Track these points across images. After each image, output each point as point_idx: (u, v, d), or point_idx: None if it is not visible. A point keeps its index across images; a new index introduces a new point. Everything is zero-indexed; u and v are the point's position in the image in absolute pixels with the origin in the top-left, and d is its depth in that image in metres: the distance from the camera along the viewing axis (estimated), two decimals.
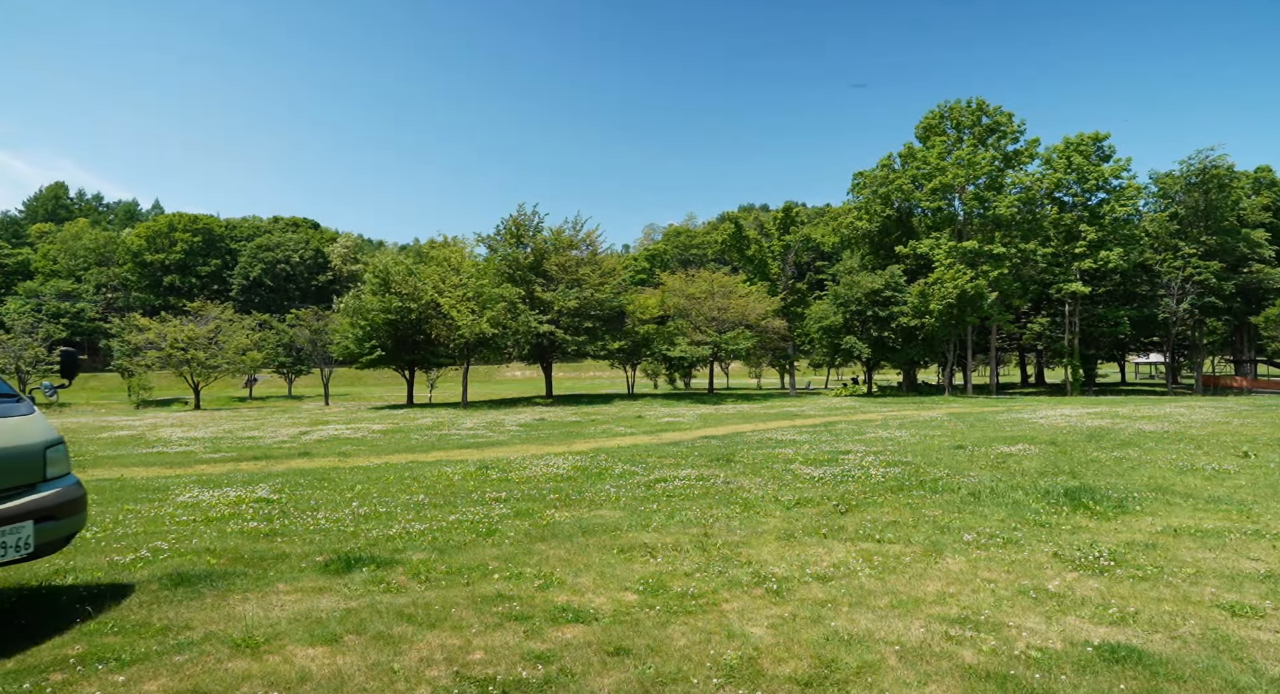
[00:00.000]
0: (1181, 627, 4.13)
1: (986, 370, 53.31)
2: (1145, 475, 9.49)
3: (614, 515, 7.47)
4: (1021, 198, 42.91)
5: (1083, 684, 3.40)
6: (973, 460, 11.25)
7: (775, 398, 41.50)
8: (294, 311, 58.56)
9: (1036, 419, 19.07)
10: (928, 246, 43.08)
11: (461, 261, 38.79)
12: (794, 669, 3.59)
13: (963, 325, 42.81)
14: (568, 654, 3.77)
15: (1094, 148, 44.75)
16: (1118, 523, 6.87)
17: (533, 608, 4.55)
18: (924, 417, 22.30)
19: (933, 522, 6.98)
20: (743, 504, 7.96)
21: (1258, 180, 52.26)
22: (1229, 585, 4.89)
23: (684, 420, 22.99)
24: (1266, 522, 6.76)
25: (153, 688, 3.45)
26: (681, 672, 3.56)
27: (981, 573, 5.26)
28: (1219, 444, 12.58)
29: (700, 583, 5.05)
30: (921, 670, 3.57)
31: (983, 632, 4.07)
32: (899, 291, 43.65)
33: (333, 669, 3.62)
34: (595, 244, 43.58)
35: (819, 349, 48.89)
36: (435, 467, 12.10)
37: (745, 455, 12.37)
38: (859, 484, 9.16)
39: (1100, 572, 5.24)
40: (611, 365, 48.83)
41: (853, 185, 50.53)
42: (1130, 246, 43.23)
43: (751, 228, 58.37)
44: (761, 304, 44.08)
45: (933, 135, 45.83)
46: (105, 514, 8.04)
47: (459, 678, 3.51)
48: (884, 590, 4.85)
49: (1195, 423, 16.50)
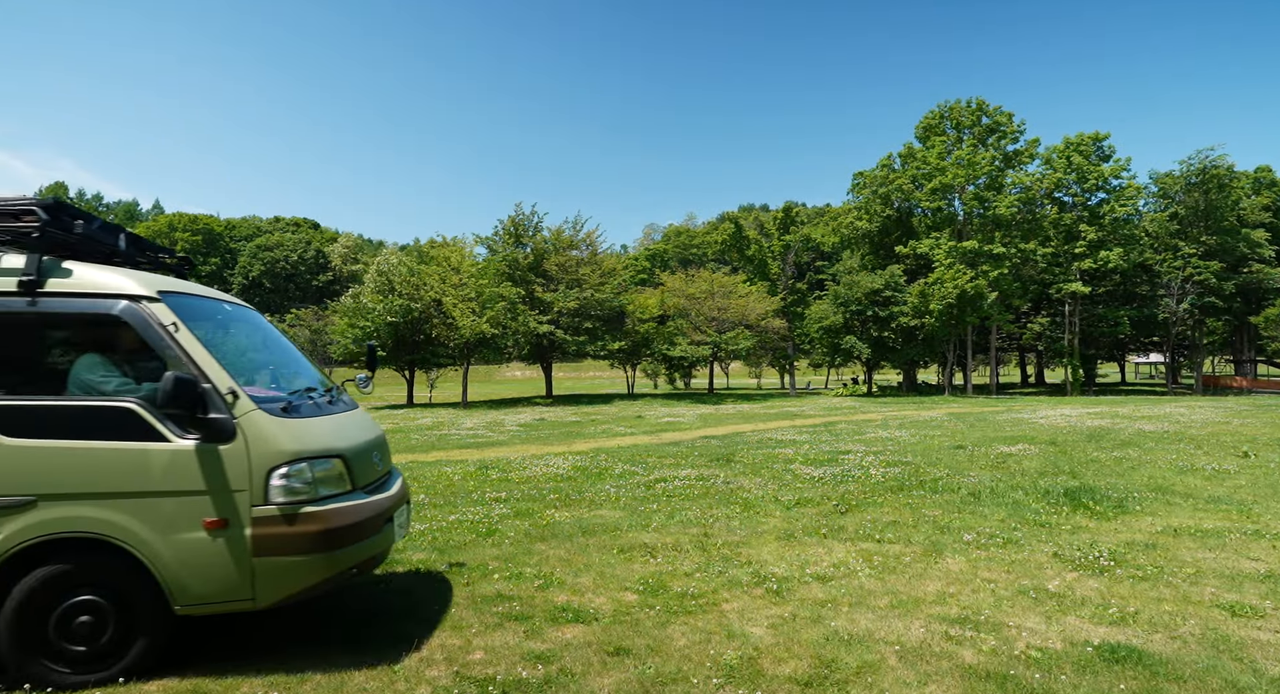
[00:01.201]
0: (1181, 627, 4.13)
1: (986, 370, 53.30)
2: (1145, 475, 9.49)
3: (614, 515, 7.47)
4: (1021, 198, 42.91)
5: (1083, 684, 3.40)
6: (973, 460, 11.25)
7: (775, 398, 41.50)
8: (294, 311, 58.58)
9: (1036, 419, 19.07)
10: (928, 246, 43.08)
11: (461, 261, 38.79)
12: (794, 669, 3.59)
13: (963, 325, 42.80)
14: (568, 654, 3.77)
15: (1094, 148, 44.74)
16: (1118, 523, 6.87)
17: (533, 608, 4.56)
18: (924, 416, 22.30)
19: (933, 522, 6.98)
20: (743, 504, 7.96)
21: (1258, 180, 52.25)
22: (1229, 585, 4.89)
23: (684, 420, 22.99)
24: (1266, 522, 6.76)
25: (153, 688, 3.45)
26: (681, 672, 3.56)
27: (981, 573, 5.26)
28: (1219, 444, 12.58)
29: (700, 583, 5.05)
30: (921, 670, 3.57)
31: (983, 632, 4.07)
32: (899, 291, 43.64)
33: (333, 669, 3.62)
34: (595, 244, 43.54)
35: (819, 349, 48.91)
36: (435, 466, 12.10)
37: (745, 455, 12.37)
38: (859, 484, 9.16)
39: (1100, 572, 5.24)
40: (611, 365, 48.79)
41: (853, 185, 50.54)
42: (1130, 246, 43.22)
43: (751, 228, 58.36)
44: (761, 304, 44.06)
45: (933, 135, 45.83)
46: None
47: (459, 678, 3.51)
48: (884, 590, 4.85)
49: (1195, 423, 16.50)
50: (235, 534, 3.51)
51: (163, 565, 3.45)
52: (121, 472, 3.45)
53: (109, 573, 3.47)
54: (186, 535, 3.48)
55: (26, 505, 3.37)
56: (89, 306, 3.65)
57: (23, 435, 3.43)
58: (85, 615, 3.43)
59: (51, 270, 3.62)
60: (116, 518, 3.43)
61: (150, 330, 3.63)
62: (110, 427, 3.47)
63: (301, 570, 3.61)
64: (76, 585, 3.44)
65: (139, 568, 3.46)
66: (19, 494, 3.37)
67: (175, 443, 3.50)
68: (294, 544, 3.57)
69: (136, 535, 3.43)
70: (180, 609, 3.51)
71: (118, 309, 3.65)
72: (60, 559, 3.43)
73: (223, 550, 3.50)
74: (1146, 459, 10.93)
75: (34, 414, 3.48)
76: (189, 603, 3.50)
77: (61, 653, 3.41)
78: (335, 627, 4.34)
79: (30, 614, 3.38)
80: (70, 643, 3.42)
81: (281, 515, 3.56)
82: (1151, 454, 11.47)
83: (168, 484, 3.48)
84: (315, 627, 4.35)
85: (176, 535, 3.47)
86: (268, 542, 3.53)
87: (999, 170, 43.17)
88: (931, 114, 46.47)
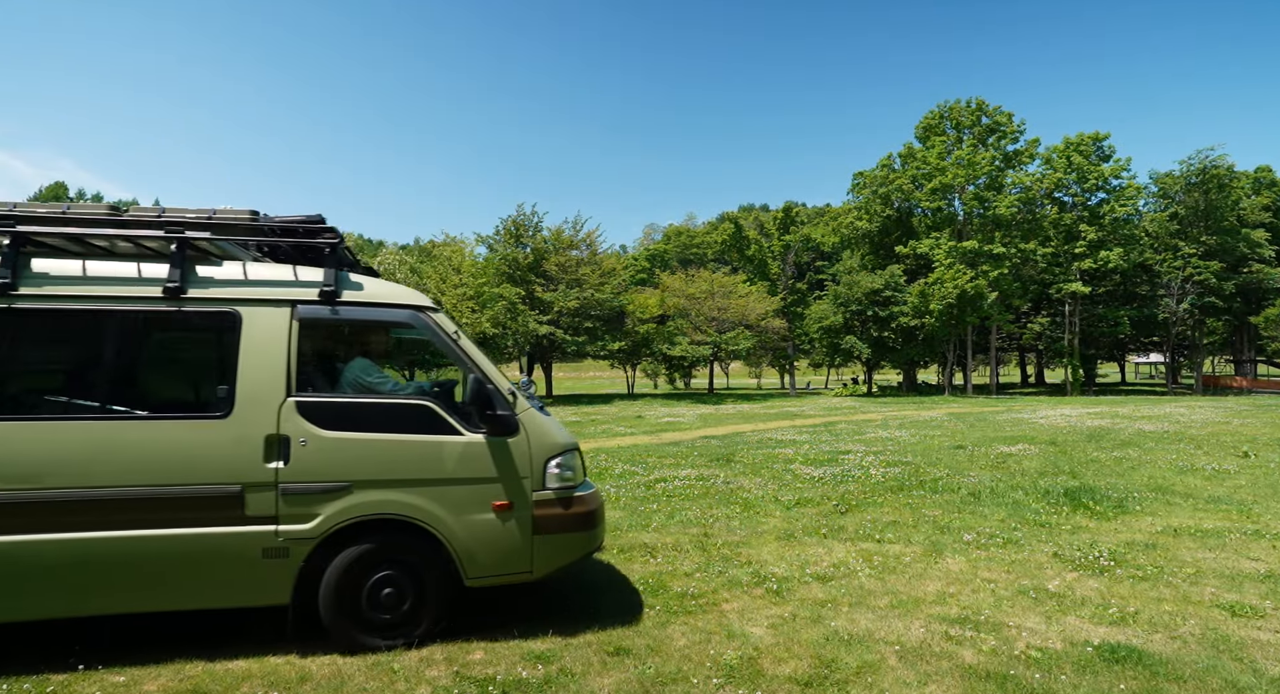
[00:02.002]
0: (1181, 627, 4.13)
1: (986, 370, 53.28)
2: (1145, 475, 9.49)
3: (614, 515, 7.47)
4: (1021, 198, 42.91)
5: (1083, 684, 3.40)
6: (973, 460, 11.25)
7: (775, 398, 41.49)
8: None
9: (1036, 419, 19.07)
10: (928, 246, 43.08)
11: (461, 261, 38.78)
12: (794, 669, 3.59)
13: (963, 325, 42.80)
14: (568, 654, 3.77)
15: (1094, 148, 44.75)
16: (1118, 523, 6.87)
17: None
18: (924, 416, 22.30)
19: (933, 522, 6.98)
20: (743, 504, 7.96)
21: (1258, 180, 52.24)
22: (1229, 585, 4.90)
23: (684, 420, 22.98)
24: (1266, 522, 6.77)
25: (153, 688, 3.45)
26: (681, 672, 3.56)
27: (981, 573, 5.26)
28: (1219, 444, 12.58)
29: (700, 583, 5.06)
30: (921, 670, 3.57)
31: (983, 632, 4.07)
32: (899, 291, 43.64)
33: (333, 669, 3.62)
34: (595, 244, 43.49)
35: (819, 349, 48.95)
36: None
37: (745, 455, 12.37)
38: (859, 484, 9.16)
39: (1100, 572, 5.24)
40: (611, 365, 48.76)
41: (853, 185, 50.54)
42: (1130, 246, 43.23)
43: (751, 228, 58.35)
44: (761, 304, 44.06)
45: (933, 135, 45.83)
46: None
47: (459, 678, 3.51)
48: (884, 590, 4.85)
49: (1195, 423, 16.50)
50: (520, 515, 4.05)
51: (458, 543, 3.95)
52: (423, 461, 3.95)
53: (409, 551, 3.95)
54: (478, 516, 3.99)
55: (343, 490, 3.84)
56: (383, 315, 4.19)
57: (337, 429, 3.88)
58: (389, 588, 3.91)
59: (344, 282, 4.08)
60: (420, 502, 3.91)
61: (438, 337, 4.17)
62: (412, 422, 3.98)
63: (570, 546, 4.19)
64: (382, 562, 3.92)
65: (436, 546, 3.95)
66: (337, 480, 3.83)
67: (467, 436, 4.02)
68: (566, 524, 4.14)
69: (436, 517, 3.92)
70: (470, 582, 3.99)
71: (408, 317, 4.19)
72: (369, 539, 3.90)
73: (510, 529, 4.03)
74: (1146, 459, 10.93)
75: (346, 410, 3.96)
76: (478, 576, 4.00)
77: (370, 621, 3.88)
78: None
79: (345, 586, 3.83)
80: (377, 612, 3.89)
81: (556, 499, 4.13)
82: (1151, 454, 11.48)
83: (462, 472, 3.99)
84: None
85: (470, 516, 3.97)
86: (545, 522, 4.09)
87: (999, 170, 43.17)
88: (931, 114, 46.47)
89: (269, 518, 3.75)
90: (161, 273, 3.85)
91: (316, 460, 3.82)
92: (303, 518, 3.78)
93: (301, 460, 3.80)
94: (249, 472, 3.74)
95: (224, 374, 3.87)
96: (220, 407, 3.80)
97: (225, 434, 3.76)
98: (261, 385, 3.84)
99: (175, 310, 3.85)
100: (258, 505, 3.74)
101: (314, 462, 3.81)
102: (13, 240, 3.73)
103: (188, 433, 3.74)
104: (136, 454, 3.65)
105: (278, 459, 3.79)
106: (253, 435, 3.78)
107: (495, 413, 4.01)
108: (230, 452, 3.74)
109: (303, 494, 3.78)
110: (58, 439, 3.61)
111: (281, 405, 3.83)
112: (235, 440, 3.75)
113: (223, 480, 3.71)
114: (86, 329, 3.87)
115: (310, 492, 3.79)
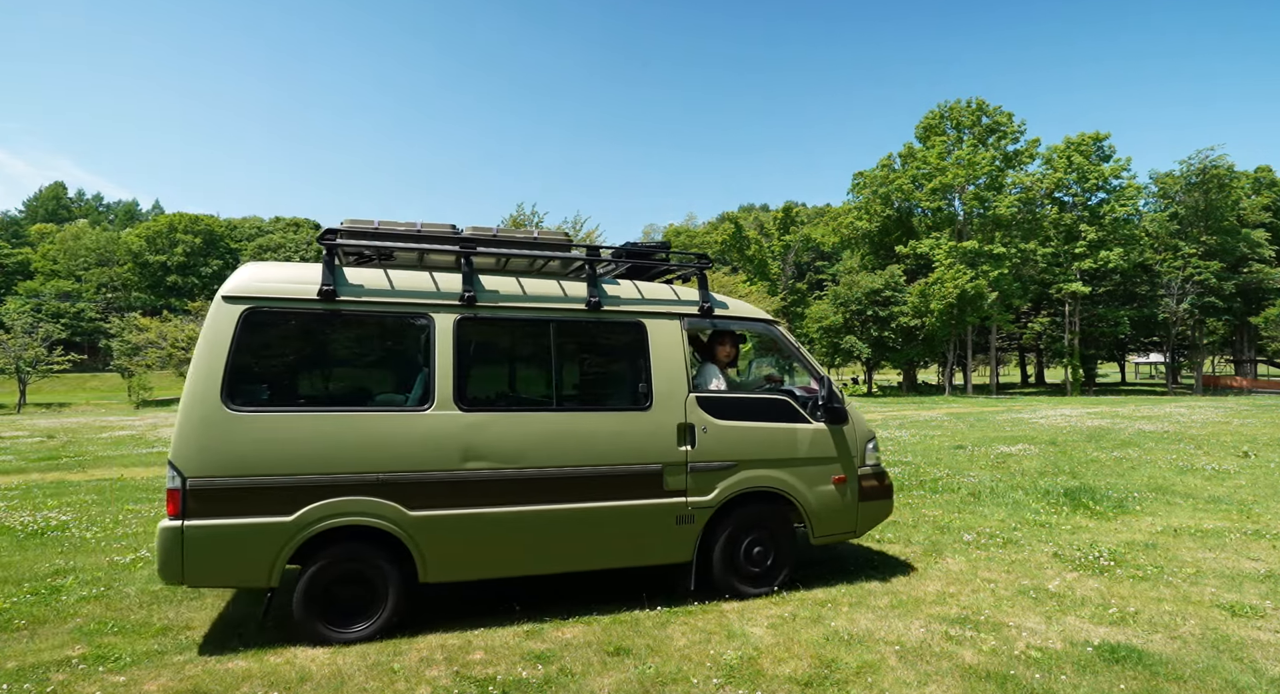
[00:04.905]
0: (1181, 627, 4.13)
1: (986, 370, 53.28)
2: (1145, 475, 9.49)
3: None
4: (1021, 198, 42.94)
5: (1083, 684, 3.40)
6: (973, 460, 11.25)
7: None
8: None
9: (1036, 419, 19.07)
10: (928, 246, 43.09)
11: None
12: (794, 669, 3.59)
13: (963, 325, 42.82)
14: (568, 654, 3.77)
15: (1094, 148, 44.78)
16: (1118, 523, 6.87)
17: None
18: (924, 416, 22.30)
19: (933, 521, 6.98)
20: None
21: (1258, 180, 52.27)
22: (1229, 585, 4.90)
23: None
24: (1266, 522, 6.77)
25: (153, 688, 3.45)
26: (681, 672, 3.56)
27: (981, 573, 5.26)
28: (1219, 444, 12.58)
29: None
30: (921, 670, 3.57)
31: (983, 632, 4.07)
32: (899, 291, 43.66)
33: (333, 669, 3.62)
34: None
35: (819, 349, 48.91)
36: None
37: None
38: None
39: (1100, 572, 5.24)
40: None
41: (853, 185, 50.57)
42: (1130, 246, 43.24)
43: (751, 228, 58.33)
44: (761, 304, 44.08)
45: (933, 135, 45.86)
46: (105, 514, 8.04)
47: (459, 678, 3.50)
48: (884, 590, 4.86)
49: (1195, 423, 16.50)
50: (851, 487, 5.03)
51: (810, 510, 4.89)
52: (788, 444, 4.89)
53: (772, 516, 4.89)
54: (824, 488, 4.95)
55: (732, 468, 4.73)
56: (746, 326, 5.18)
57: (727, 418, 4.76)
58: (759, 547, 4.82)
59: (711, 299, 4.95)
60: (786, 477, 4.85)
61: (788, 345, 5.17)
62: (777, 413, 4.91)
63: (880, 511, 5.22)
64: (753, 526, 4.82)
65: (791, 512, 4.92)
66: (728, 460, 4.71)
67: (814, 424, 4.97)
68: (879, 493, 5.16)
69: (796, 489, 4.86)
70: (815, 539, 4.93)
71: (763, 328, 5.21)
72: (748, 507, 4.80)
73: (844, 498, 5.00)
74: (1146, 459, 10.93)
75: (733, 403, 4.84)
76: (823, 534, 4.96)
77: (746, 573, 4.79)
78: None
79: (730, 545, 4.74)
80: (750, 566, 4.80)
81: (872, 473, 5.15)
82: (1151, 454, 11.47)
83: (813, 452, 4.94)
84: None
85: (819, 488, 4.93)
86: (866, 492, 5.09)
87: (999, 170, 43.19)
88: (931, 114, 46.50)
89: (681, 491, 4.60)
90: (580, 291, 4.62)
91: (714, 444, 4.68)
92: (704, 491, 4.64)
93: (703, 444, 4.65)
94: (667, 453, 4.58)
95: (640, 374, 4.66)
96: (642, 401, 4.60)
97: (648, 424, 4.57)
98: (670, 382, 4.66)
99: (597, 321, 4.65)
100: (674, 481, 4.58)
101: (712, 445, 4.67)
102: (466, 260, 4.40)
103: (624, 423, 4.55)
104: (588, 439, 4.44)
105: (686, 443, 4.62)
106: (668, 424, 4.60)
107: (836, 406, 4.96)
108: (652, 438, 4.55)
109: (705, 471, 4.65)
110: (528, 429, 4.33)
111: (686, 400, 4.67)
112: (655, 428, 4.57)
113: (650, 461, 4.54)
114: (528, 336, 4.63)
115: (710, 469, 4.66)
